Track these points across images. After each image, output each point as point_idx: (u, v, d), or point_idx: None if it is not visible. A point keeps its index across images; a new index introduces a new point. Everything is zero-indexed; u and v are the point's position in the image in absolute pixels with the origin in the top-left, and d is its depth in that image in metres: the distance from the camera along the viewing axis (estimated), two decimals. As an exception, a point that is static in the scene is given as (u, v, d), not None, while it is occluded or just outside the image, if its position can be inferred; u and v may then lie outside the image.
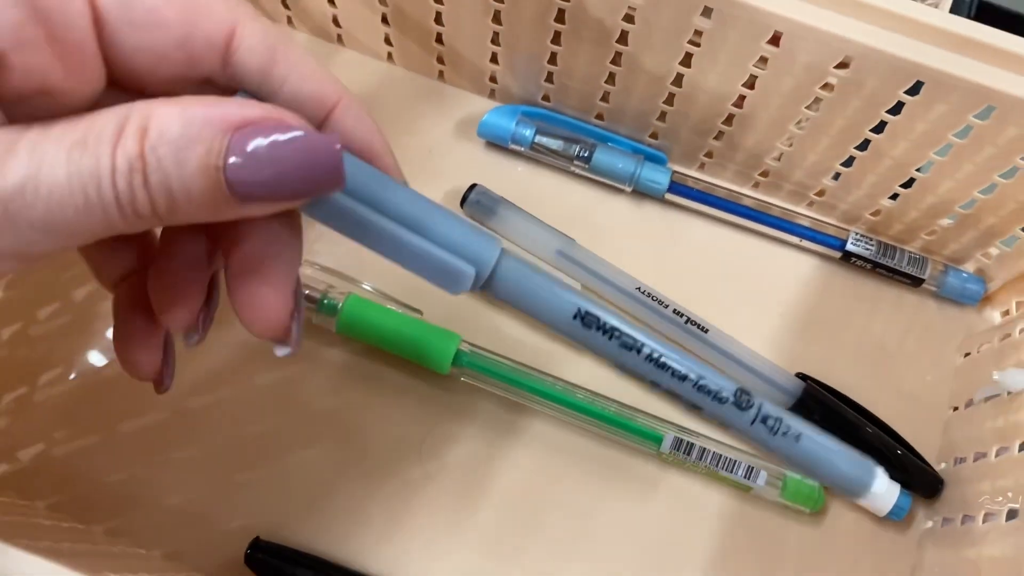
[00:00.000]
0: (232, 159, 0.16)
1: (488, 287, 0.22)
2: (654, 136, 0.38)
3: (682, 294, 0.36)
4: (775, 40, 0.30)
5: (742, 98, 0.34)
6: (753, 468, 0.33)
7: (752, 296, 0.37)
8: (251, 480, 0.33)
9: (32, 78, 0.17)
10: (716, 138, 0.37)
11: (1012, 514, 0.29)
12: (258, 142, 0.16)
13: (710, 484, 0.34)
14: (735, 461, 0.33)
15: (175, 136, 0.15)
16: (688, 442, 0.33)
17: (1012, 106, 0.29)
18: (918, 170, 0.34)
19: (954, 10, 0.64)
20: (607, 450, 0.34)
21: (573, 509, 0.33)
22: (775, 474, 0.33)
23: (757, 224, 0.37)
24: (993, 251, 0.37)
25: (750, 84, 0.33)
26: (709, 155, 0.38)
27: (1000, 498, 0.30)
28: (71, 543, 0.27)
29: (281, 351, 0.20)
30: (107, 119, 0.16)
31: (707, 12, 0.30)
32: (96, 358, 0.34)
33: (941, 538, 0.33)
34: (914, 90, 0.30)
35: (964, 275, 0.37)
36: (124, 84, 0.19)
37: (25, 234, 0.16)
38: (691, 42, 0.32)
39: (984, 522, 0.31)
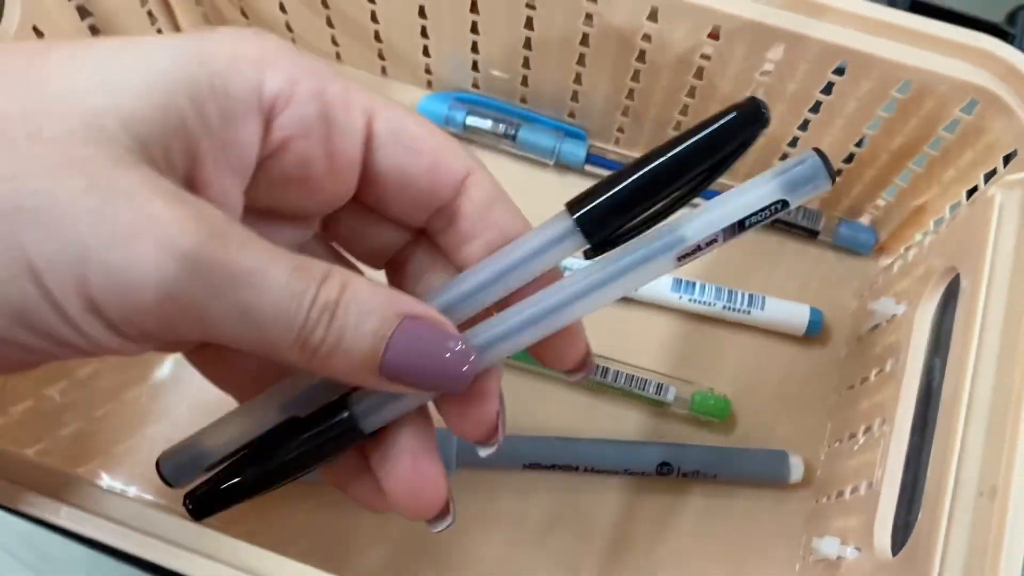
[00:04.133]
0: (396, 336, 0.19)
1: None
2: (572, 115, 0.42)
3: (599, 252, 0.40)
4: (652, 15, 0.35)
5: (637, 73, 0.38)
6: (662, 385, 0.37)
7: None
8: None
9: (302, 167, 0.21)
10: (624, 114, 0.41)
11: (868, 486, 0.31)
12: (415, 333, 0.20)
13: (631, 405, 0.38)
14: (645, 380, 0.37)
15: (362, 300, 0.19)
16: (603, 367, 0.37)
17: (863, 61, 0.33)
18: (800, 129, 0.38)
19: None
20: (538, 382, 0.39)
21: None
22: (684, 390, 0.37)
23: (666, 188, 0.41)
24: (880, 202, 0.40)
25: (641, 59, 0.37)
26: (621, 130, 0.42)
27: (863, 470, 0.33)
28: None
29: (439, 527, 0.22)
30: (319, 264, 0.19)
31: (592, -4, 0.35)
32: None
33: (819, 511, 0.36)
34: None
35: (856, 225, 0.41)
36: (366, 201, 0.23)
37: (222, 311, 0.18)
38: (585, 20, 0.36)
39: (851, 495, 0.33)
